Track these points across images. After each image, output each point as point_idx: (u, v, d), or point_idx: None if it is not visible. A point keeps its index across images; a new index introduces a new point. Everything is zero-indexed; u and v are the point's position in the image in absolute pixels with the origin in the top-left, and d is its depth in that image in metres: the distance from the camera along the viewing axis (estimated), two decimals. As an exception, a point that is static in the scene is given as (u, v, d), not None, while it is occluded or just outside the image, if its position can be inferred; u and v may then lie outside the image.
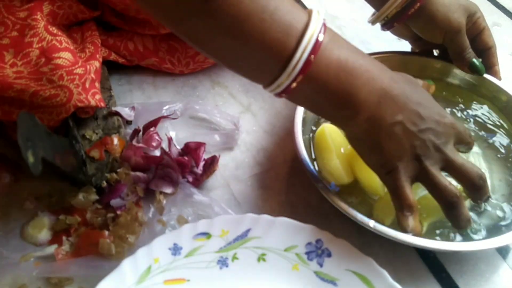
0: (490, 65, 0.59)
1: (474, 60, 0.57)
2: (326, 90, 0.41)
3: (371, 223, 0.45)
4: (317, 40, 0.39)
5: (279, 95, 0.42)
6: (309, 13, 0.40)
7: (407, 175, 0.44)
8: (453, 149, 0.45)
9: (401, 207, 0.44)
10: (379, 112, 0.42)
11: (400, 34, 0.63)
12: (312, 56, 0.39)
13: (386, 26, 0.59)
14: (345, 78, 0.41)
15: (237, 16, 0.37)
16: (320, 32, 0.39)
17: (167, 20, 0.40)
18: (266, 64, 0.40)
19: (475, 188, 0.46)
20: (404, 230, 0.44)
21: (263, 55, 0.39)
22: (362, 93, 0.42)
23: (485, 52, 0.59)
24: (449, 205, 0.44)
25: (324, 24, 0.40)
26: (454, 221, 0.45)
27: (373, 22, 0.60)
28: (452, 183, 0.44)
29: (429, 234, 0.48)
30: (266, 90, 0.43)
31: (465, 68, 0.58)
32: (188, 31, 0.40)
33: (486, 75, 0.59)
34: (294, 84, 0.40)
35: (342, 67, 0.41)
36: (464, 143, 0.47)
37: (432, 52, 0.64)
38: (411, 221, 0.44)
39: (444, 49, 0.59)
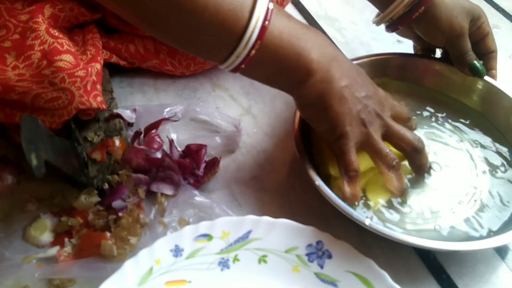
0: (488, 68, 0.60)
1: (475, 62, 0.57)
2: (282, 55, 0.44)
3: (367, 221, 0.46)
4: (267, 8, 0.42)
5: (237, 68, 0.44)
6: None
7: (354, 141, 0.47)
8: (390, 117, 0.49)
9: (346, 171, 0.48)
10: (331, 74, 0.46)
11: (404, 35, 0.63)
12: (267, 22, 0.42)
13: (391, 28, 0.60)
14: (297, 42, 0.44)
15: None
16: (269, 1, 0.42)
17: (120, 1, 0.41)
18: (223, 37, 0.42)
19: (416, 151, 0.49)
20: (344, 195, 0.49)
21: (219, 28, 0.41)
22: (314, 55, 0.45)
23: (486, 55, 0.59)
24: (390, 169, 0.48)
25: None
26: (394, 185, 0.50)
27: (377, 23, 0.61)
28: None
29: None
30: (222, 67, 0.45)
31: (465, 70, 0.58)
32: (140, 11, 0.41)
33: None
34: (253, 52, 0.43)
35: (293, 33, 0.44)
36: (400, 118, 0.51)
37: (434, 52, 0.64)
38: (353, 187, 0.48)
39: (447, 50, 0.60)
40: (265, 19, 0.42)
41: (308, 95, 0.47)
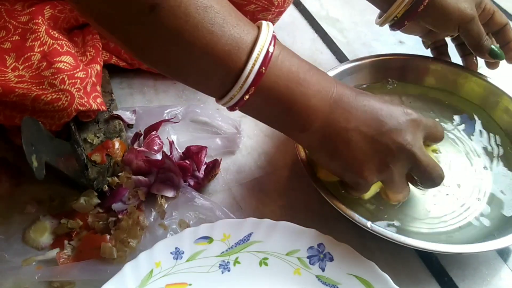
0: (506, 41, 0.59)
1: (493, 46, 0.57)
2: (278, 101, 0.41)
3: (369, 224, 0.45)
4: (267, 52, 0.39)
5: (232, 108, 0.42)
6: (259, 25, 0.41)
7: (371, 183, 0.45)
8: (420, 146, 0.44)
9: (358, 192, 0.47)
10: (332, 119, 0.42)
11: (410, 32, 0.62)
12: (263, 68, 0.39)
13: (396, 26, 0.59)
14: (295, 88, 0.41)
15: (183, 27, 0.36)
16: (270, 44, 0.39)
17: (106, 26, 0.38)
18: (217, 77, 0.39)
19: (433, 186, 0.47)
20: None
21: (212, 68, 0.39)
22: (312, 102, 0.41)
23: (500, 30, 0.59)
24: (399, 198, 0.48)
25: (274, 36, 0.40)
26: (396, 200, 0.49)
27: (381, 23, 0.60)
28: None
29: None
30: (219, 104, 0.42)
31: (485, 56, 0.58)
32: (127, 38, 0.38)
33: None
34: (247, 97, 0.40)
35: (292, 78, 0.41)
36: (434, 138, 0.48)
37: (446, 45, 0.64)
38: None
39: (459, 42, 0.60)
40: (262, 64, 0.39)
41: (311, 142, 0.44)
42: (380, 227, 0.46)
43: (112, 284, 0.42)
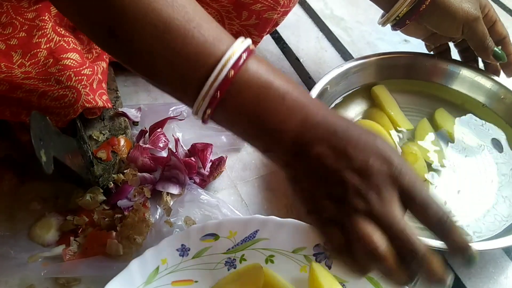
0: (506, 54, 0.59)
1: (497, 49, 0.58)
2: (247, 111, 0.36)
3: None
4: (240, 57, 0.35)
5: (203, 118, 0.37)
6: (235, 38, 0.37)
7: (326, 217, 0.36)
8: (387, 200, 0.34)
9: (332, 249, 0.38)
10: (303, 137, 0.36)
11: (412, 33, 0.62)
12: (232, 72, 0.35)
13: (398, 25, 0.59)
14: (264, 99, 0.36)
15: (159, 20, 0.35)
16: (244, 52, 0.36)
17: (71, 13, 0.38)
18: (188, 77, 0.36)
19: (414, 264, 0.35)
20: None
21: (185, 66, 0.36)
22: (282, 115, 0.36)
23: (500, 42, 0.59)
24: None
25: (250, 48, 0.37)
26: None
27: (383, 23, 0.60)
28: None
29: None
30: (195, 117, 0.38)
31: (489, 57, 0.58)
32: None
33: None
34: (217, 98, 0.35)
35: (263, 89, 0.36)
36: (415, 209, 0.35)
37: (449, 49, 0.64)
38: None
39: (463, 48, 0.59)
40: (232, 67, 0.35)
41: (285, 160, 0.38)
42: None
43: (119, 281, 0.42)
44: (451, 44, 0.64)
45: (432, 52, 0.65)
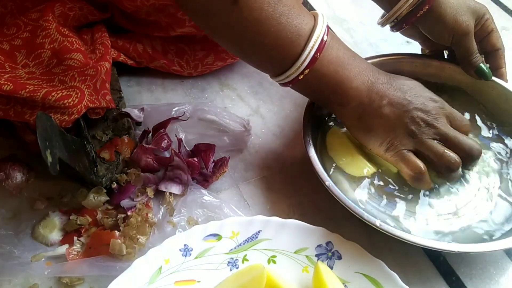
0: (496, 67, 0.59)
1: (482, 65, 0.57)
2: (326, 82, 0.49)
3: (377, 222, 0.45)
4: (322, 40, 0.47)
5: (285, 84, 0.50)
6: (315, 16, 0.48)
7: (405, 148, 0.49)
8: (445, 124, 0.50)
9: (412, 175, 0.49)
10: (368, 98, 0.49)
11: (410, 35, 0.63)
12: (318, 54, 0.47)
13: (396, 27, 0.60)
14: (342, 72, 0.49)
15: (257, 18, 0.45)
16: (325, 33, 0.47)
17: (198, 17, 0.48)
18: (278, 59, 0.48)
19: (472, 159, 0.50)
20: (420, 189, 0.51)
21: (276, 51, 0.47)
22: (354, 83, 0.49)
23: (493, 53, 0.59)
24: (447, 170, 0.49)
25: (327, 27, 0.48)
26: (450, 179, 0.52)
27: (382, 24, 0.61)
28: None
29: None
30: (273, 79, 0.50)
31: (471, 72, 0.58)
32: (215, 27, 0.47)
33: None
34: (301, 77, 0.48)
35: (340, 63, 0.49)
36: (458, 127, 0.51)
37: (442, 54, 0.64)
38: (425, 182, 0.50)
39: (453, 50, 0.59)
40: (317, 50, 0.46)
41: (349, 118, 0.51)
42: (389, 226, 0.46)
43: (122, 280, 0.42)
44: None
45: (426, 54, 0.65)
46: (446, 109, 0.51)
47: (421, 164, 0.49)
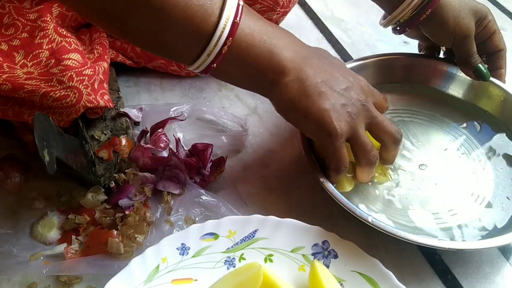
0: (497, 67, 0.59)
1: (480, 65, 0.57)
2: (253, 54, 0.43)
3: (370, 219, 0.46)
4: (238, 4, 0.42)
5: (208, 68, 0.43)
6: None
7: (344, 135, 0.46)
8: (371, 106, 0.48)
9: (337, 167, 0.48)
10: (305, 72, 0.45)
11: (409, 35, 0.63)
12: (238, 19, 0.41)
13: (399, 30, 0.59)
14: (269, 40, 0.44)
15: None
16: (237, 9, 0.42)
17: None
18: (192, 34, 0.41)
19: (395, 142, 0.49)
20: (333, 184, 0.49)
21: (188, 25, 0.40)
22: (286, 53, 0.44)
23: (494, 54, 0.59)
24: (369, 164, 0.49)
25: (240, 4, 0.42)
26: (365, 179, 0.51)
27: (385, 25, 0.60)
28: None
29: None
30: (192, 68, 0.44)
31: (469, 73, 0.58)
32: (102, 8, 0.39)
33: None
34: (225, 48, 0.42)
35: (264, 31, 0.44)
36: (380, 107, 0.50)
37: (439, 51, 0.64)
38: (339, 177, 0.49)
39: (451, 50, 0.60)
40: (235, 15, 0.41)
41: (285, 96, 0.45)
42: (381, 222, 0.46)
43: (119, 279, 0.43)
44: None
45: (423, 52, 0.65)
46: (370, 86, 0.50)
47: (347, 161, 0.48)
